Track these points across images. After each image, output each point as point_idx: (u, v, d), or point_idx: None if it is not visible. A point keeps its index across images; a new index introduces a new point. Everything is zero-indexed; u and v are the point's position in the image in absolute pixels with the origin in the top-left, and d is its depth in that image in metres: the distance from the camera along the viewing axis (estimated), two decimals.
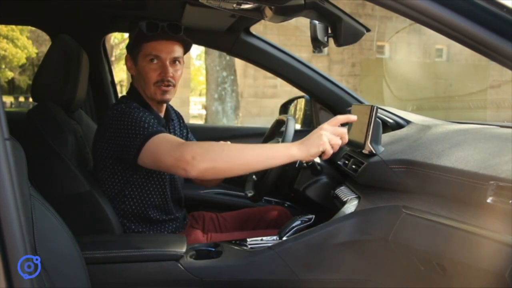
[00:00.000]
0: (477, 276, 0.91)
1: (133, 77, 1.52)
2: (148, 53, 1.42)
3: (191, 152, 1.18)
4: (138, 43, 1.43)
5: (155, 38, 1.41)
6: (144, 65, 1.43)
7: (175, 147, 1.21)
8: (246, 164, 1.21)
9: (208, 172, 1.19)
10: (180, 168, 1.18)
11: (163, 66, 1.42)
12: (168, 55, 1.43)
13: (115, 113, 1.37)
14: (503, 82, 8.47)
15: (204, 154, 1.18)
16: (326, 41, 1.25)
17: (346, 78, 10.69)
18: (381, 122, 1.36)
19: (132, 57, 1.47)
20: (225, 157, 1.19)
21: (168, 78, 1.43)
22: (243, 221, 1.78)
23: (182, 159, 1.17)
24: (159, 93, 1.44)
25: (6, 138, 0.72)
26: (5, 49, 11.89)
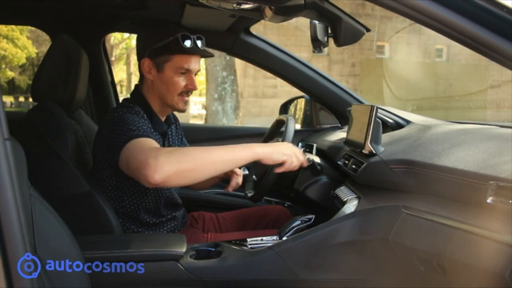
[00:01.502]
0: (477, 276, 0.91)
1: (146, 81, 1.48)
2: (180, 66, 1.42)
3: (155, 155, 1.14)
4: (168, 53, 1.41)
5: (190, 53, 1.42)
6: (172, 76, 1.43)
7: (143, 151, 1.18)
8: (213, 164, 1.19)
9: (173, 176, 1.14)
10: (141, 174, 1.14)
11: (191, 79, 1.46)
12: (196, 68, 1.46)
13: (115, 116, 1.37)
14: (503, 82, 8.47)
15: (169, 156, 1.14)
16: (326, 41, 1.25)
17: (346, 78, 10.69)
18: (381, 122, 1.35)
19: (155, 63, 1.44)
20: (191, 159, 1.16)
21: (194, 89, 1.47)
22: (243, 221, 1.78)
23: (145, 162, 1.13)
24: (182, 103, 1.48)
25: (6, 138, 0.72)
26: (5, 49, 11.89)
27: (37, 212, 0.90)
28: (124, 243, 1.28)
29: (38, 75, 1.53)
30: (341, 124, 2.14)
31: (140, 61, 1.46)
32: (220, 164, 1.21)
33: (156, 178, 1.12)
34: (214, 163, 1.20)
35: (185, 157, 1.16)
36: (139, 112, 1.41)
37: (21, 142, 0.90)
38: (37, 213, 0.89)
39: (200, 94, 19.80)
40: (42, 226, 0.90)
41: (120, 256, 1.21)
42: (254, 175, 1.76)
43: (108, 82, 2.32)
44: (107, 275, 1.16)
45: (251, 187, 1.74)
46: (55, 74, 1.51)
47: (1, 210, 0.71)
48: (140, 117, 1.38)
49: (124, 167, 1.27)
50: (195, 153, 1.18)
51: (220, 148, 1.22)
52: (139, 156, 1.18)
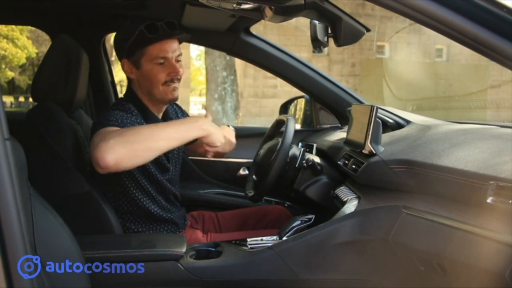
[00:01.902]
0: (477, 276, 0.91)
1: (132, 80, 1.50)
2: (155, 56, 1.42)
3: (106, 137, 1.14)
4: (140, 47, 1.42)
5: (159, 40, 1.41)
6: (151, 68, 1.43)
7: (98, 135, 1.18)
8: (163, 141, 1.20)
9: (125, 158, 1.14)
10: (93, 158, 1.14)
11: (172, 66, 1.44)
12: (174, 54, 1.44)
13: (104, 112, 1.39)
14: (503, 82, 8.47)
15: (119, 138, 1.15)
16: (326, 41, 1.25)
17: (346, 78, 10.69)
18: (381, 122, 1.35)
19: (132, 62, 1.45)
20: (141, 138, 1.17)
21: (177, 76, 1.45)
22: (243, 221, 1.78)
23: (96, 145, 1.14)
24: (170, 92, 1.46)
25: (6, 138, 0.72)
26: (5, 49, 11.88)
27: (37, 212, 0.90)
28: (124, 243, 1.28)
29: (38, 75, 1.53)
30: (341, 124, 2.14)
31: (121, 64, 1.47)
32: (171, 141, 1.23)
33: (107, 160, 1.12)
34: (165, 140, 1.21)
35: (136, 136, 1.17)
36: (129, 108, 1.42)
37: (21, 142, 0.90)
38: (37, 213, 0.89)
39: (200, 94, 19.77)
40: (42, 226, 0.90)
41: (120, 256, 1.21)
42: (254, 175, 1.76)
43: (108, 82, 2.32)
44: (107, 275, 1.16)
45: (251, 187, 1.74)
46: (55, 74, 1.51)
47: (1, 210, 0.71)
48: (127, 113, 1.38)
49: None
50: (145, 132, 1.19)
51: (169, 125, 1.25)
52: (93, 140, 1.19)
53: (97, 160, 1.13)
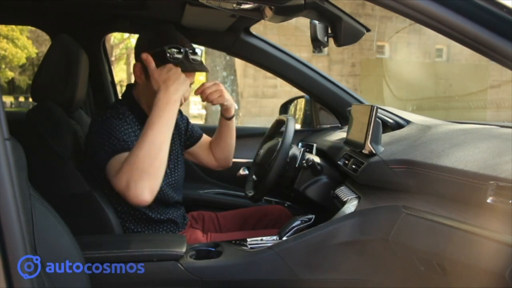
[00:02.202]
0: (477, 276, 0.91)
1: (137, 85, 1.47)
2: None
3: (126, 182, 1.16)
4: (157, 65, 1.33)
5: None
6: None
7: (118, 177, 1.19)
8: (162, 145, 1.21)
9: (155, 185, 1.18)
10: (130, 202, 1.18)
11: None
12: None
13: (99, 121, 1.34)
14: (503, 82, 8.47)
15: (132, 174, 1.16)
16: (326, 41, 1.25)
17: (346, 78, 10.69)
18: (381, 122, 1.36)
19: (144, 70, 1.39)
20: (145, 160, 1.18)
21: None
22: (243, 221, 1.78)
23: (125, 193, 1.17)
24: None
25: (6, 138, 0.72)
26: (5, 49, 11.88)
27: (37, 212, 0.90)
28: (124, 243, 1.28)
29: (38, 75, 1.53)
30: (341, 124, 2.14)
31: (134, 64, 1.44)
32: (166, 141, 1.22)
33: (148, 200, 1.17)
34: (162, 143, 1.21)
35: (141, 162, 1.17)
36: (124, 113, 1.39)
37: (21, 142, 0.90)
38: (37, 213, 0.89)
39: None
40: (42, 226, 0.90)
41: (120, 256, 1.21)
42: (254, 175, 1.76)
43: (108, 82, 2.32)
44: (107, 275, 1.16)
45: (251, 187, 1.74)
46: (55, 74, 1.51)
47: (1, 210, 0.71)
48: (123, 121, 1.35)
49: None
50: (144, 153, 1.18)
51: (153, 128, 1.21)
52: (117, 184, 1.19)
53: (137, 204, 1.18)
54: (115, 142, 1.29)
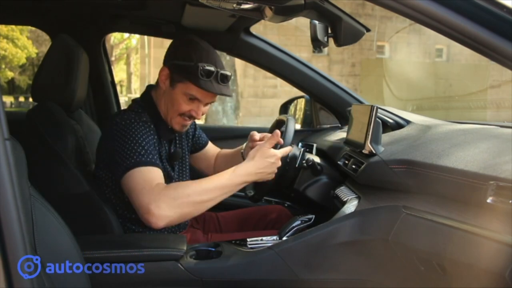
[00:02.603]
0: (477, 276, 0.91)
1: (159, 88, 1.45)
2: (190, 93, 1.37)
3: (157, 201, 1.18)
4: (186, 78, 1.36)
5: (206, 89, 1.35)
6: (180, 97, 1.39)
7: (145, 192, 1.20)
8: (211, 201, 1.26)
9: (175, 221, 1.23)
10: (144, 218, 1.20)
11: (197, 108, 1.41)
12: (207, 101, 1.42)
13: (123, 125, 1.33)
14: (503, 82, 8.48)
15: (170, 202, 1.19)
16: (326, 41, 1.25)
17: (346, 78, 10.69)
18: (381, 122, 1.36)
19: (171, 77, 1.39)
20: (191, 201, 1.22)
21: (196, 118, 1.43)
22: (243, 221, 1.78)
23: (147, 208, 1.18)
24: (179, 125, 1.44)
25: (6, 138, 0.72)
26: (5, 49, 11.89)
27: (37, 212, 0.89)
28: (124, 243, 1.28)
29: (38, 75, 1.53)
30: (341, 124, 2.14)
31: (162, 67, 1.42)
32: (217, 200, 1.28)
33: (160, 225, 1.19)
34: (212, 201, 1.27)
35: (186, 200, 1.21)
36: (147, 121, 1.38)
37: (21, 142, 0.90)
38: (37, 213, 0.89)
39: None
40: (42, 226, 0.90)
41: (120, 256, 1.21)
42: None
43: (108, 82, 2.32)
44: (107, 275, 1.16)
45: (251, 187, 1.74)
46: (55, 74, 1.51)
47: (1, 210, 0.71)
48: (147, 130, 1.34)
49: (125, 192, 1.28)
50: (194, 196, 1.23)
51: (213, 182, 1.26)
52: (141, 198, 1.20)
53: (150, 223, 1.19)
54: (142, 152, 1.28)
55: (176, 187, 1.24)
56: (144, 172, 1.25)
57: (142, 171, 1.25)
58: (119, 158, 1.28)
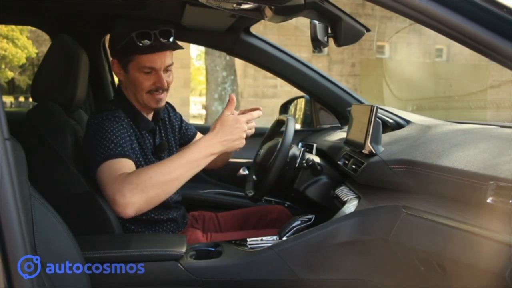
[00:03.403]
0: (477, 276, 0.91)
1: (121, 82, 1.49)
2: (142, 66, 1.39)
3: (121, 190, 1.17)
4: (130, 54, 1.39)
5: (149, 52, 1.37)
6: (137, 76, 1.41)
7: (111, 183, 1.20)
8: (176, 180, 1.23)
9: (144, 206, 1.20)
10: (114, 210, 1.20)
11: (158, 76, 1.41)
12: (162, 65, 1.41)
13: (95, 124, 1.35)
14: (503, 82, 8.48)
15: (134, 188, 1.17)
16: (326, 41, 1.25)
17: (346, 78, 10.69)
18: (381, 122, 1.36)
19: (121, 64, 1.43)
20: (154, 183, 1.19)
21: (162, 87, 1.43)
22: (243, 221, 1.78)
23: (113, 199, 1.18)
24: (153, 102, 1.44)
25: (6, 138, 0.72)
26: (5, 49, 11.89)
27: (37, 212, 0.89)
28: (124, 243, 1.28)
29: (38, 75, 1.53)
30: (341, 124, 2.14)
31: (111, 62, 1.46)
32: (185, 177, 1.24)
33: (128, 213, 1.18)
34: (179, 179, 1.23)
35: (149, 183, 1.18)
36: (120, 116, 1.39)
37: (21, 142, 0.90)
38: (37, 213, 0.89)
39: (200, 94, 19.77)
40: (42, 226, 0.90)
41: (120, 256, 1.21)
42: (254, 175, 1.76)
43: (108, 82, 2.32)
44: (107, 275, 1.16)
45: (251, 187, 1.74)
46: (55, 74, 1.51)
47: (1, 210, 0.71)
48: (119, 124, 1.35)
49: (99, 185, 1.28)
50: (157, 177, 1.19)
51: (178, 160, 1.23)
52: (108, 190, 1.20)
53: (120, 214, 1.19)
54: (111, 146, 1.29)
55: (138, 172, 1.22)
56: (111, 164, 1.25)
57: (109, 164, 1.25)
58: (91, 157, 1.29)
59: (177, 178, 1.23)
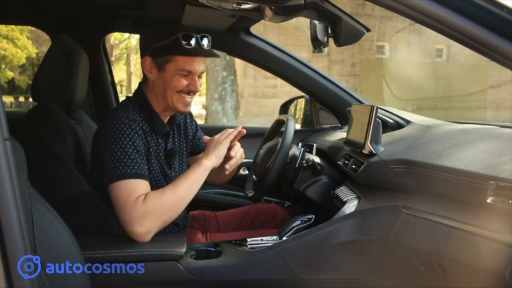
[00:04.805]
0: (477, 276, 0.91)
1: (147, 80, 1.45)
2: (181, 68, 1.38)
3: (140, 219, 1.24)
4: (172, 53, 1.37)
5: (193, 54, 1.37)
6: (172, 76, 1.39)
7: (129, 206, 1.25)
8: (183, 201, 1.33)
9: (158, 229, 1.29)
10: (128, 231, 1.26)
11: (194, 80, 1.41)
12: (199, 70, 1.41)
13: (111, 124, 1.33)
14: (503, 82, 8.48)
15: (151, 216, 1.25)
16: (326, 41, 1.25)
17: (346, 78, 10.69)
18: (381, 122, 1.36)
19: (156, 63, 1.40)
20: (168, 208, 1.29)
21: (195, 91, 1.44)
22: (243, 221, 1.78)
23: (130, 225, 1.25)
24: (182, 104, 1.44)
25: (6, 138, 0.73)
26: (5, 49, 11.89)
27: (37, 212, 0.89)
28: (124, 243, 1.28)
29: (38, 75, 1.53)
30: (341, 124, 2.14)
31: (142, 60, 1.42)
32: (188, 198, 1.35)
33: (146, 240, 1.26)
34: (185, 200, 1.34)
35: (163, 209, 1.28)
36: (135, 120, 1.36)
37: (21, 142, 0.90)
38: (37, 213, 0.89)
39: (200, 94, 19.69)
40: (42, 226, 0.90)
41: (120, 256, 1.21)
42: (254, 175, 1.76)
43: (108, 82, 2.32)
44: (107, 275, 1.16)
45: (251, 187, 1.74)
46: (55, 74, 1.51)
47: (1, 210, 0.71)
48: (134, 132, 1.34)
49: (111, 198, 1.30)
50: (169, 201, 1.29)
51: (183, 183, 1.34)
52: (124, 215, 1.26)
53: (135, 239, 1.26)
54: (128, 162, 1.29)
55: (154, 200, 1.28)
56: (128, 185, 1.28)
57: (126, 184, 1.28)
58: (106, 166, 1.30)
59: (186, 198, 1.34)
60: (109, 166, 1.29)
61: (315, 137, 2.08)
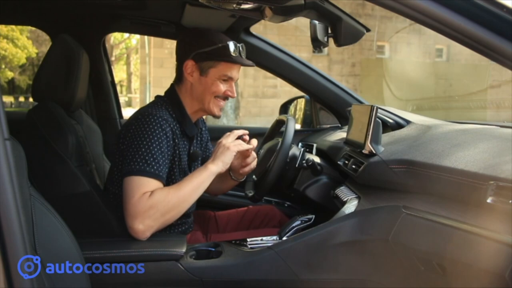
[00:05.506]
0: (477, 276, 0.91)
1: (184, 82, 1.47)
2: (223, 73, 1.43)
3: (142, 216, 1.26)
4: (218, 59, 1.42)
5: (237, 62, 1.43)
6: (214, 81, 1.43)
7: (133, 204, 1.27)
8: (186, 202, 1.34)
9: (159, 227, 1.31)
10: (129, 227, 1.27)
11: (231, 87, 1.48)
12: (237, 77, 1.48)
13: (143, 119, 1.35)
14: (503, 82, 8.48)
15: (154, 214, 1.27)
16: (326, 41, 1.25)
17: (346, 78, 10.69)
18: (381, 122, 1.36)
19: (199, 67, 1.43)
20: (171, 207, 1.30)
21: (232, 97, 1.49)
22: (242, 221, 1.78)
23: (132, 220, 1.26)
24: (217, 108, 1.48)
25: (6, 138, 0.73)
26: (5, 49, 11.90)
27: (37, 212, 0.89)
28: (124, 243, 1.28)
29: (38, 75, 1.53)
30: (341, 124, 2.14)
31: (182, 63, 1.44)
32: (191, 200, 1.36)
33: (145, 236, 1.28)
34: (189, 201, 1.34)
35: (167, 207, 1.29)
36: (167, 120, 1.38)
37: (21, 142, 0.90)
38: (37, 213, 0.89)
39: None
40: (42, 226, 0.90)
41: (120, 256, 1.21)
42: (254, 175, 1.76)
43: (108, 82, 2.32)
44: (107, 275, 1.16)
45: (251, 187, 1.74)
46: (55, 74, 1.51)
47: (1, 210, 0.71)
48: (163, 133, 1.35)
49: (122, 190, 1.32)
50: (174, 200, 1.30)
51: (188, 184, 1.35)
52: (128, 208, 1.27)
53: (134, 235, 1.28)
54: (150, 160, 1.30)
55: (159, 198, 1.29)
56: (142, 181, 1.29)
57: (140, 180, 1.29)
58: (129, 158, 1.32)
59: (189, 199, 1.34)
60: (131, 158, 1.31)
61: (315, 137, 2.09)
